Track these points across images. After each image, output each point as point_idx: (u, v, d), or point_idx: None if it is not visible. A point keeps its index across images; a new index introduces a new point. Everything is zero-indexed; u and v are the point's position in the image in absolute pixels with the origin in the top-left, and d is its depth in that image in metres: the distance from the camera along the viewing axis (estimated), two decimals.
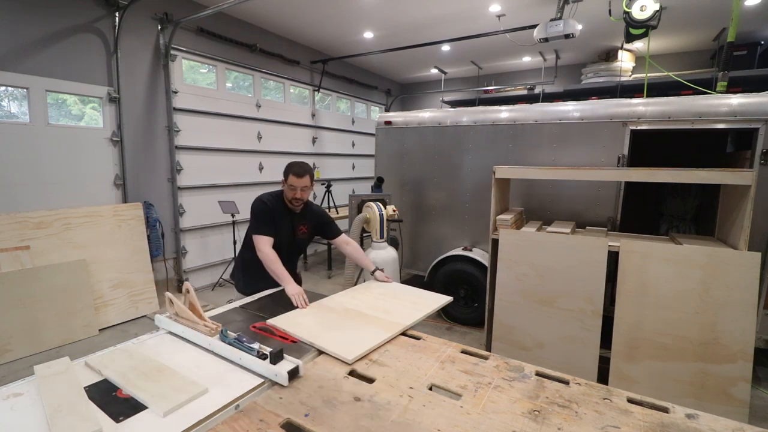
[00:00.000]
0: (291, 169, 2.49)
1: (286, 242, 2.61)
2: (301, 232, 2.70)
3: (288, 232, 2.63)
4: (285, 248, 2.61)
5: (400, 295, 2.42)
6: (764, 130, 3.16)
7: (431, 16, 5.77)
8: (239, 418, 1.27)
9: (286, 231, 2.61)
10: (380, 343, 1.75)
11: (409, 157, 4.95)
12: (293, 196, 2.51)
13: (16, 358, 3.47)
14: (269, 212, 2.52)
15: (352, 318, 2.03)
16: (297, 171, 2.47)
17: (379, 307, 2.19)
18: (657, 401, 1.37)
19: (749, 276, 2.54)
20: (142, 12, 4.77)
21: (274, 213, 2.54)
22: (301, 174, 2.47)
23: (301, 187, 2.49)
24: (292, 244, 2.69)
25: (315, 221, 2.77)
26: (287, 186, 2.51)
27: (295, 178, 2.46)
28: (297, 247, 2.76)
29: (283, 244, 2.59)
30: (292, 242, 2.68)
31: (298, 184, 2.47)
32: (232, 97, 6.01)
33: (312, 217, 2.76)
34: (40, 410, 1.29)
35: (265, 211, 2.52)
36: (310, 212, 2.75)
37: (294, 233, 2.66)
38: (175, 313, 1.88)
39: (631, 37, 3.87)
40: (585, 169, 3.45)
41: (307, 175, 2.48)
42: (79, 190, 4.40)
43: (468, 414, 1.30)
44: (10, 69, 3.83)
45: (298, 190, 2.49)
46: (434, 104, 9.73)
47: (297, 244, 2.73)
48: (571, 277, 3.01)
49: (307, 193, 2.57)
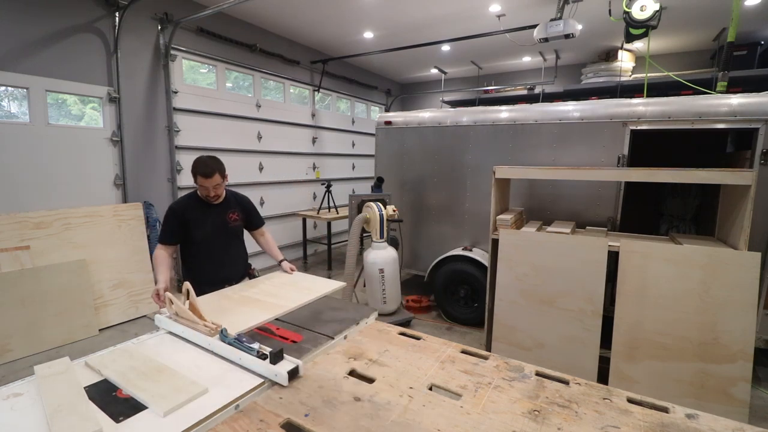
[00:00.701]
0: (197, 169, 2.42)
1: (219, 234, 2.59)
2: (233, 219, 2.66)
3: (217, 224, 2.58)
4: (220, 240, 2.60)
5: (297, 282, 2.53)
6: (764, 130, 3.16)
7: (431, 16, 5.77)
8: (239, 418, 1.27)
9: (216, 221, 2.58)
10: (261, 322, 1.91)
11: (409, 157, 4.95)
12: (206, 195, 2.50)
13: (16, 358, 3.47)
14: (173, 217, 2.49)
15: (243, 304, 2.16)
16: (204, 171, 2.41)
17: (273, 293, 2.32)
18: (657, 401, 1.37)
19: (749, 276, 2.54)
20: (142, 12, 4.77)
21: (190, 212, 2.50)
22: (209, 174, 2.41)
23: (213, 186, 2.45)
24: (227, 233, 2.65)
25: (242, 208, 2.74)
26: (199, 186, 2.48)
27: (203, 178, 2.42)
28: (233, 233, 2.70)
29: (217, 236, 2.57)
30: (227, 230, 2.64)
31: (209, 184, 2.43)
32: (232, 97, 6.01)
33: (239, 205, 2.72)
34: (40, 410, 1.29)
35: (168, 217, 2.51)
36: (235, 200, 2.72)
37: (226, 222, 2.62)
38: (175, 313, 1.88)
39: (631, 37, 3.87)
40: (585, 169, 3.45)
41: (215, 174, 2.43)
42: (79, 190, 4.40)
43: (468, 414, 1.30)
44: (10, 69, 3.83)
45: (210, 189, 2.46)
46: (434, 104, 9.73)
47: (232, 231, 2.67)
48: (571, 277, 3.01)
49: (221, 188, 2.53)
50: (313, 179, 7.58)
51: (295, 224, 7.03)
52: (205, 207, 2.56)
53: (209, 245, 2.56)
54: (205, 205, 2.56)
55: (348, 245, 4.13)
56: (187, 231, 2.50)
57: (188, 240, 2.54)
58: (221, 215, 2.61)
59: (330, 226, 6.57)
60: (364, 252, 4.22)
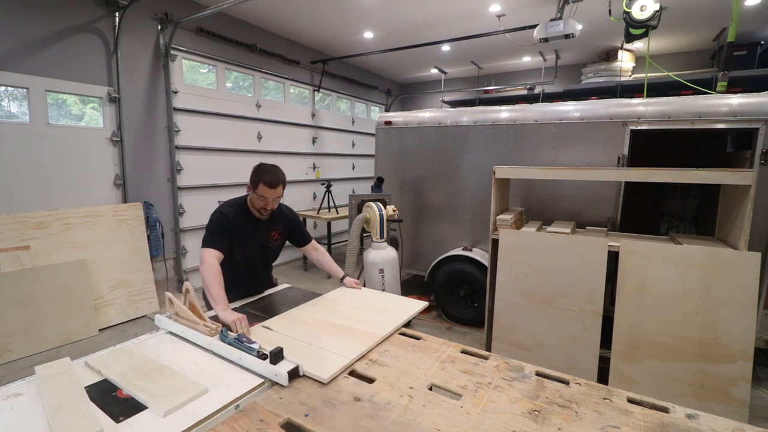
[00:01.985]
0: (262, 177, 2.14)
1: (258, 252, 2.37)
2: (274, 238, 2.44)
3: (258, 242, 2.36)
4: (258, 259, 2.39)
5: (373, 302, 2.29)
6: (764, 130, 3.16)
7: (431, 16, 5.76)
8: (239, 418, 1.27)
9: (256, 241, 2.35)
10: (357, 356, 1.64)
11: (409, 157, 4.95)
12: (263, 207, 2.22)
13: (16, 358, 3.47)
14: (227, 225, 2.19)
15: (325, 330, 1.89)
16: (270, 181, 2.14)
17: (353, 316, 2.06)
18: (657, 401, 1.37)
19: (749, 276, 2.54)
20: (142, 12, 4.77)
21: (237, 225, 2.23)
22: (275, 184, 2.15)
23: (274, 198, 2.20)
24: (266, 253, 2.45)
25: (286, 225, 2.51)
26: (256, 196, 2.19)
27: (267, 188, 2.14)
28: (271, 254, 2.51)
29: (256, 254, 2.36)
30: (266, 251, 2.43)
31: (271, 195, 2.17)
32: (232, 97, 6.01)
33: (283, 221, 2.48)
34: (40, 410, 1.29)
35: (222, 223, 2.19)
36: (280, 216, 2.46)
37: (267, 242, 2.40)
38: (175, 313, 1.88)
39: (631, 37, 3.87)
40: (585, 169, 3.45)
41: (280, 186, 2.18)
42: (79, 190, 4.40)
43: (468, 414, 1.30)
44: (10, 69, 3.83)
45: (270, 201, 2.20)
46: (434, 104, 9.73)
47: (270, 252, 2.48)
48: (571, 277, 3.01)
49: (278, 203, 2.29)
50: (313, 179, 7.58)
51: None
52: (251, 222, 2.30)
53: (246, 264, 2.33)
54: (251, 220, 2.30)
55: (348, 245, 4.13)
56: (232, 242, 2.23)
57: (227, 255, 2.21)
58: (264, 234, 2.38)
59: (330, 226, 6.57)
60: (364, 252, 4.22)
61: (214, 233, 2.17)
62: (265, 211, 2.26)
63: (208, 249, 2.11)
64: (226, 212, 2.22)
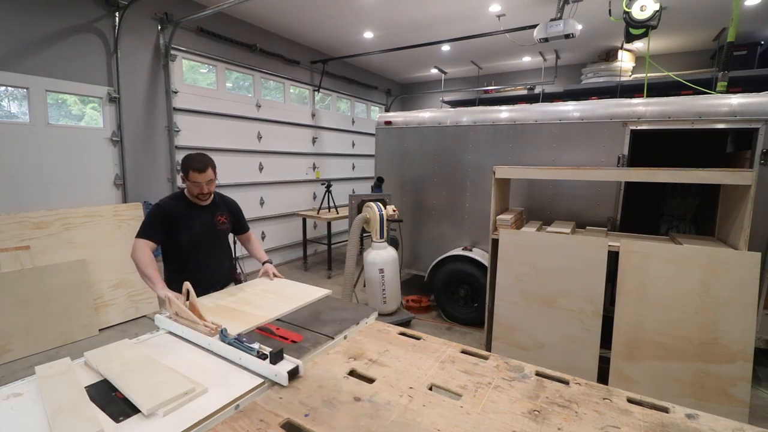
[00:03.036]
0: (190, 164, 2.32)
1: (207, 236, 2.49)
2: (221, 222, 2.56)
3: (205, 226, 2.48)
4: (207, 243, 2.50)
5: (279, 290, 2.39)
6: (764, 130, 3.16)
7: (431, 16, 5.76)
8: (239, 418, 1.27)
9: (204, 224, 2.47)
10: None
11: (409, 157, 4.95)
12: (199, 192, 2.38)
13: (16, 358, 3.47)
14: (162, 215, 2.35)
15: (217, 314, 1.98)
16: (197, 166, 2.32)
17: (252, 302, 2.18)
18: (657, 401, 1.37)
19: (749, 276, 2.54)
20: (142, 12, 4.77)
21: (177, 213, 2.38)
22: (203, 168, 2.33)
23: (206, 182, 2.36)
24: (215, 235, 2.55)
25: (231, 212, 2.66)
26: (190, 183, 2.36)
27: (197, 173, 2.32)
28: (220, 238, 2.61)
29: (204, 239, 2.48)
30: (214, 233, 2.54)
31: (202, 179, 2.34)
32: (232, 97, 6.01)
33: (227, 208, 2.64)
34: (40, 410, 1.29)
35: (156, 214, 2.36)
36: (224, 203, 2.64)
37: (214, 225, 2.53)
38: (175, 313, 1.88)
39: (631, 37, 3.87)
40: (585, 169, 3.45)
41: (208, 168, 2.35)
42: (79, 190, 4.40)
43: (468, 414, 1.30)
44: (10, 69, 3.83)
45: (204, 184, 2.35)
46: (434, 104, 9.73)
47: (219, 235, 2.58)
48: (571, 277, 3.01)
49: (213, 185, 2.43)
50: (313, 179, 7.58)
51: (295, 224, 7.03)
52: (192, 208, 2.45)
53: (196, 248, 2.45)
54: (192, 207, 2.45)
55: (348, 245, 4.13)
56: (172, 232, 2.38)
57: (174, 242, 2.40)
58: (209, 217, 2.51)
59: (330, 226, 6.57)
60: (364, 252, 4.22)
61: (146, 225, 2.37)
62: (203, 196, 2.42)
63: (139, 239, 2.31)
64: (161, 203, 2.42)
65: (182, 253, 2.43)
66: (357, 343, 1.79)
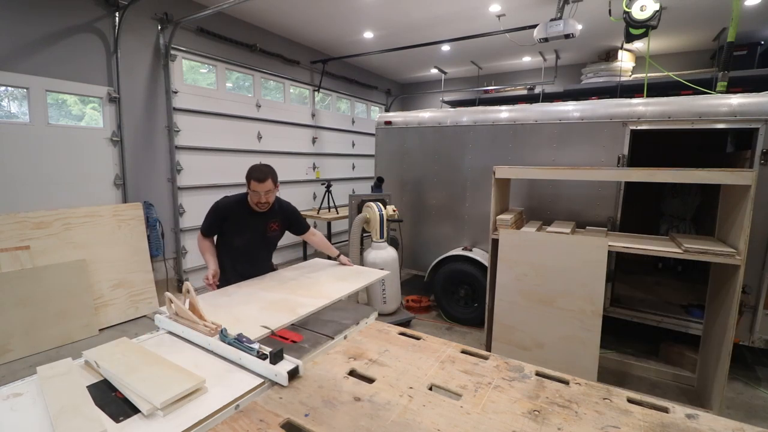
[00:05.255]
0: (252, 174, 2.50)
1: (257, 241, 2.70)
2: (272, 229, 2.75)
3: (257, 232, 2.68)
4: (257, 245, 2.71)
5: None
6: (764, 130, 3.16)
7: (431, 16, 5.76)
8: (239, 418, 1.27)
9: (256, 230, 2.67)
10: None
11: (409, 157, 4.95)
12: (257, 201, 2.54)
13: (16, 358, 3.47)
14: (218, 213, 2.61)
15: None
16: (257, 176, 2.47)
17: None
18: (657, 401, 1.37)
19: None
20: (142, 12, 4.77)
21: (234, 215, 2.60)
22: (262, 179, 2.47)
23: (265, 192, 2.50)
24: (264, 241, 2.76)
25: (285, 217, 2.81)
26: (250, 191, 2.54)
27: (257, 183, 2.48)
28: (268, 243, 2.82)
29: (254, 242, 2.69)
30: (264, 239, 2.74)
31: (261, 189, 2.49)
32: (232, 97, 6.01)
33: (282, 213, 2.79)
34: (40, 411, 1.29)
35: (213, 212, 2.63)
36: (280, 209, 2.78)
37: (265, 231, 2.71)
38: (175, 313, 1.88)
39: (631, 37, 3.86)
40: (585, 169, 3.44)
41: (268, 179, 2.49)
42: (79, 190, 4.40)
43: (468, 414, 1.30)
44: (10, 69, 3.83)
45: (262, 194, 2.50)
46: (434, 104, 9.73)
47: (268, 240, 2.79)
48: (571, 277, 3.01)
49: (272, 195, 2.58)
50: (313, 179, 7.58)
51: None
52: (249, 213, 2.62)
53: (245, 250, 2.67)
54: (249, 212, 2.62)
55: (349, 245, 4.13)
56: (225, 231, 2.64)
57: (227, 239, 2.67)
58: (262, 224, 2.68)
59: (330, 226, 6.57)
60: (364, 252, 4.22)
61: (205, 221, 2.67)
62: (260, 205, 2.57)
63: (200, 235, 2.70)
64: (219, 203, 2.64)
65: (232, 251, 2.67)
66: (357, 343, 1.79)
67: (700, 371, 3.21)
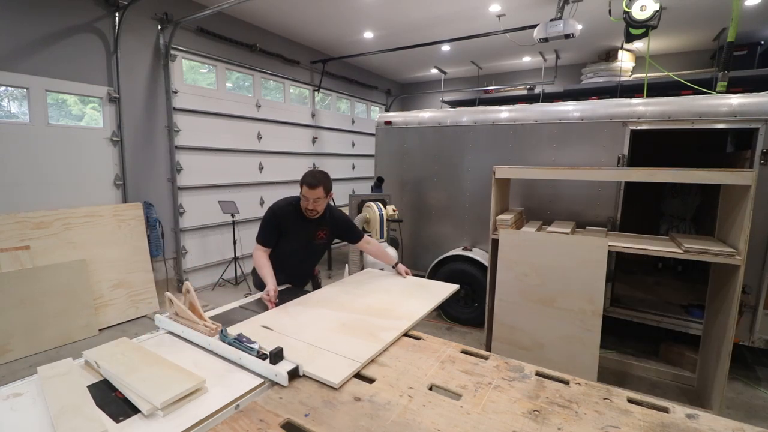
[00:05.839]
0: (304, 179, 2.45)
1: (303, 247, 2.66)
2: (319, 237, 2.69)
3: (305, 238, 2.64)
4: (302, 252, 2.68)
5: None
6: (764, 130, 3.16)
7: (431, 16, 5.76)
8: (239, 418, 1.27)
9: (303, 237, 2.63)
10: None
11: (409, 157, 4.95)
12: (306, 207, 2.50)
13: (16, 358, 3.47)
14: (274, 220, 2.54)
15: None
16: (309, 182, 2.43)
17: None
18: (657, 401, 1.37)
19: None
20: (142, 12, 4.77)
21: (286, 221, 2.54)
22: (314, 185, 2.42)
23: (314, 199, 2.45)
24: (310, 249, 2.71)
25: (334, 226, 2.75)
26: (302, 196, 2.50)
27: (307, 189, 2.43)
28: (314, 251, 2.77)
29: (300, 248, 2.65)
30: (310, 246, 2.70)
31: (310, 195, 2.44)
32: (232, 97, 6.01)
33: (332, 222, 2.73)
34: (40, 411, 1.29)
35: (269, 220, 2.55)
36: (331, 218, 2.72)
37: (312, 239, 2.66)
38: (175, 313, 1.88)
39: (631, 37, 3.86)
40: (585, 169, 3.44)
41: (319, 187, 2.43)
42: (79, 190, 4.40)
43: (468, 414, 1.30)
44: (10, 69, 3.83)
45: (311, 201, 2.46)
46: (434, 104, 9.73)
47: (314, 248, 2.74)
48: (571, 277, 3.01)
49: (321, 204, 2.51)
50: None
51: None
52: (300, 219, 2.57)
53: (292, 256, 2.64)
54: (301, 218, 2.56)
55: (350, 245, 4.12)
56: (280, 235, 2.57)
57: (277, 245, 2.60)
58: (311, 231, 2.63)
59: None
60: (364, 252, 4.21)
61: (262, 229, 2.56)
62: (309, 211, 2.51)
63: (258, 246, 2.55)
64: (275, 209, 2.58)
65: (280, 254, 2.59)
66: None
67: (700, 371, 3.21)
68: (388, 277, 2.82)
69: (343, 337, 1.81)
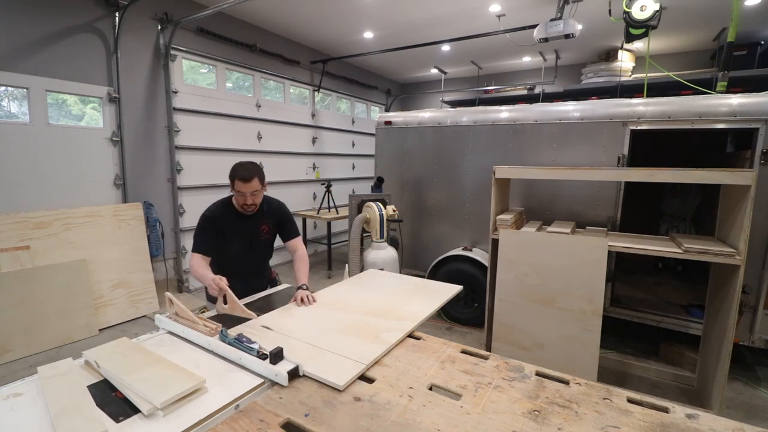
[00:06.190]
0: (236, 173, 2.23)
1: (248, 246, 2.45)
2: (264, 232, 2.49)
3: (248, 237, 2.44)
4: (248, 252, 2.46)
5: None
6: (764, 130, 3.16)
7: (431, 16, 5.76)
8: (239, 418, 1.27)
9: (246, 235, 2.42)
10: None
11: (409, 157, 4.95)
12: (243, 203, 2.29)
13: (16, 358, 3.47)
14: (212, 225, 2.31)
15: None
16: (243, 175, 2.21)
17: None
18: (657, 401, 1.37)
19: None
20: (142, 12, 4.77)
21: (224, 222, 2.33)
22: (248, 178, 2.21)
23: (251, 192, 2.24)
24: (256, 247, 2.51)
25: (274, 218, 2.54)
26: (236, 192, 2.27)
27: (242, 183, 2.21)
28: (261, 248, 2.57)
29: (245, 248, 2.44)
30: (255, 244, 2.49)
31: (246, 189, 2.23)
32: (232, 97, 6.01)
33: (271, 213, 2.52)
34: (40, 411, 1.29)
35: (206, 225, 2.31)
36: (269, 209, 2.51)
37: (256, 236, 2.47)
38: (175, 313, 1.88)
39: (631, 37, 3.86)
40: (585, 169, 3.44)
41: (254, 178, 2.23)
42: (79, 190, 4.40)
43: (468, 414, 1.30)
44: (10, 69, 3.83)
45: (248, 195, 2.24)
46: (434, 104, 9.73)
47: (260, 245, 2.54)
48: (571, 277, 3.01)
49: (259, 196, 2.32)
50: (313, 179, 7.58)
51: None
52: (238, 218, 2.37)
53: (238, 259, 2.43)
54: (238, 217, 2.37)
55: (350, 246, 4.12)
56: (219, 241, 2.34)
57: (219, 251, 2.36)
58: (252, 228, 2.44)
59: (330, 226, 6.57)
60: (364, 252, 4.21)
61: (199, 236, 2.31)
62: (247, 207, 2.31)
63: (195, 254, 2.26)
64: (208, 214, 2.33)
65: (224, 262, 2.37)
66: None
67: (700, 371, 3.21)
68: (389, 278, 2.81)
69: (345, 337, 1.79)
